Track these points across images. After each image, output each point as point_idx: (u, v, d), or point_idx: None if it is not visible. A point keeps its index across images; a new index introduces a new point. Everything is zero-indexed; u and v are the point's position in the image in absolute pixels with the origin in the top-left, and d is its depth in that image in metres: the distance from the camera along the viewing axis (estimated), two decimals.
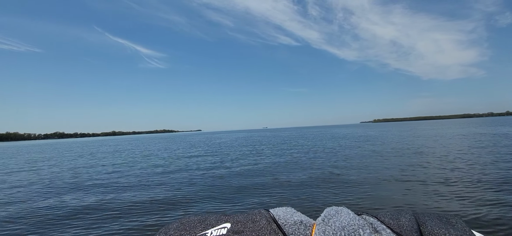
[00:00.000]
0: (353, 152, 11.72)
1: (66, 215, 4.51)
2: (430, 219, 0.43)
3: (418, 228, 0.40)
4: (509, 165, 6.98)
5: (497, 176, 5.75)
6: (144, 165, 10.92)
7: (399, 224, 0.41)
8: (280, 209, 0.48)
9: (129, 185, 6.75)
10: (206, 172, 8.24)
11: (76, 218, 4.32)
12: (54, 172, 10.12)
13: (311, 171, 7.46)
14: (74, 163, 13.17)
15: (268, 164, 9.37)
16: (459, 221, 0.44)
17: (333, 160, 9.48)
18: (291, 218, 0.44)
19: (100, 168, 10.64)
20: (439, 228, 0.40)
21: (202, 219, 0.47)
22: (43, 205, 5.20)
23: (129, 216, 4.31)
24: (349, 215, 0.41)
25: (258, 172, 7.81)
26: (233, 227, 0.42)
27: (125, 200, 5.30)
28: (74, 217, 4.41)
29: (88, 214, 4.49)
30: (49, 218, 4.43)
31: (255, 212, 0.47)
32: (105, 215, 4.39)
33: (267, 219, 0.43)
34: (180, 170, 9.01)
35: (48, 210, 4.85)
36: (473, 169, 6.61)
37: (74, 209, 4.84)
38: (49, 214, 4.61)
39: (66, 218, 4.35)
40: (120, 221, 4.08)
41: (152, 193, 5.79)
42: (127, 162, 12.21)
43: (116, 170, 9.66)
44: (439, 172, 6.51)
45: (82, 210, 4.73)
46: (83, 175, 8.93)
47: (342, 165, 8.26)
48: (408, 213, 0.44)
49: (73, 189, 6.65)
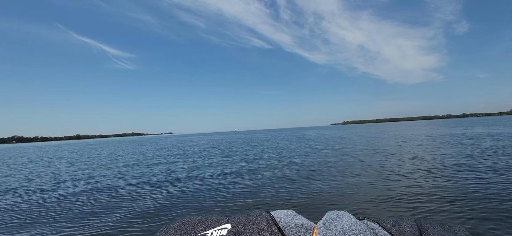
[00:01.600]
0: (332, 154, 11.20)
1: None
2: (432, 226, 0.43)
3: (420, 234, 0.40)
4: (486, 167, 6.72)
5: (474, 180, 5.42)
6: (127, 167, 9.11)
7: (400, 230, 0.40)
8: (281, 212, 0.48)
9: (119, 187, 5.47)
10: (188, 175, 8.03)
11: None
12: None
13: (311, 175, 7.26)
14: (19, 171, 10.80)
15: (261, 166, 9.23)
16: (461, 229, 0.43)
17: (315, 161, 9.30)
18: (292, 221, 0.44)
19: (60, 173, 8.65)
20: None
21: (202, 220, 0.47)
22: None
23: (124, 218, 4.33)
24: (350, 220, 0.41)
25: (257, 172, 7.82)
26: (234, 228, 0.42)
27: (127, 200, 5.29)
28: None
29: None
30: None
31: (256, 213, 0.47)
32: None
33: (267, 221, 0.43)
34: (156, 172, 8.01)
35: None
36: (474, 175, 6.20)
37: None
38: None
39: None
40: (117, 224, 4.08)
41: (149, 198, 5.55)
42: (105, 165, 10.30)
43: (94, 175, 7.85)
44: (420, 174, 6.26)
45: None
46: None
47: (322, 167, 8.11)
48: (410, 220, 0.44)
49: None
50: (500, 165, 6.77)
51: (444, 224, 0.44)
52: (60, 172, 10.44)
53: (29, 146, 70.32)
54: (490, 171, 6.21)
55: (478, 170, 6.42)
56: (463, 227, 0.44)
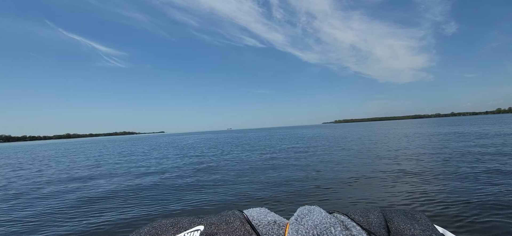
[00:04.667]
0: (324, 152, 11.39)
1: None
2: (396, 215, 0.45)
3: (385, 224, 0.42)
4: (461, 162, 7.35)
5: (450, 172, 6.14)
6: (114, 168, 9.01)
7: (368, 221, 0.42)
8: (254, 210, 0.48)
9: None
10: (182, 174, 8.02)
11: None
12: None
13: (286, 172, 7.44)
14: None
15: (245, 165, 9.21)
16: (422, 216, 0.46)
17: (307, 160, 9.37)
18: (265, 218, 0.44)
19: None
20: (404, 224, 0.42)
21: (174, 222, 0.46)
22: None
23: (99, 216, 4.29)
24: (321, 214, 0.42)
25: (235, 173, 7.76)
26: (207, 229, 0.42)
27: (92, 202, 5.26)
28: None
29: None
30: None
31: (228, 213, 0.47)
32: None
33: (241, 220, 0.43)
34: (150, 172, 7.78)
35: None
36: (431, 166, 6.97)
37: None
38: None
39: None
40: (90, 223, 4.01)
41: (122, 195, 5.70)
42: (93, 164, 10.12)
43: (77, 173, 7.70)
44: (404, 168, 6.80)
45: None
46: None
47: (315, 165, 8.24)
48: (376, 210, 0.46)
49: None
50: (474, 164, 7.03)
51: (407, 212, 0.47)
52: (32, 173, 10.27)
53: (16, 145, 68.07)
54: (463, 167, 6.47)
55: (450, 166, 6.68)
56: (424, 215, 0.47)
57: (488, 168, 6.32)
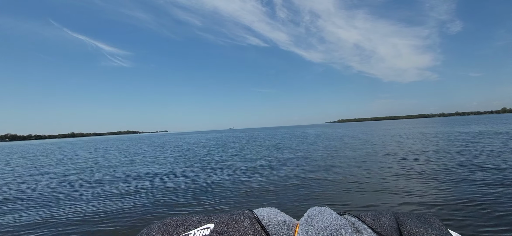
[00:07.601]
0: (332, 152, 11.35)
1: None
2: (409, 219, 0.44)
3: (397, 227, 0.41)
4: (475, 164, 7.08)
5: (464, 174, 5.94)
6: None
7: (379, 224, 0.42)
8: (264, 209, 0.48)
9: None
10: (191, 173, 8.09)
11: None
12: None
13: (295, 171, 7.42)
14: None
15: (254, 165, 9.22)
16: (436, 221, 0.45)
17: (316, 161, 9.28)
18: (275, 218, 0.44)
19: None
20: (417, 228, 0.41)
21: (185, 220, 0.46)
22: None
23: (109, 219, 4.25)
24: (331, 215, 0.41)
25: (244, 172, 7.78)
26: (217, 227, 0.42)
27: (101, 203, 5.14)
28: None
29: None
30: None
31: (238, 212, 0.47)
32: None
33: (250, 220, 0.43)
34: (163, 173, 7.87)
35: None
36: (445, 168, 6.78)
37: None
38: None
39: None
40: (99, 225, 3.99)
41: (135, 195, 5.71)
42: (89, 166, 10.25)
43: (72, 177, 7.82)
44: (417, 169, 6.68)
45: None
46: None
47: (325, 165, 8.18)
48: (388, 213, 0.45)
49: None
50: (484, 164, 6.94)
51: (420, 216, 0.46)
52: (39, 170, 10.44)
53: (22, 144, 69.04)
54: (473, 168, 6.40)
55: (460, 167, 6.62)
56: (438, 219, 0.46)
57: (506, 171, 5.91)
